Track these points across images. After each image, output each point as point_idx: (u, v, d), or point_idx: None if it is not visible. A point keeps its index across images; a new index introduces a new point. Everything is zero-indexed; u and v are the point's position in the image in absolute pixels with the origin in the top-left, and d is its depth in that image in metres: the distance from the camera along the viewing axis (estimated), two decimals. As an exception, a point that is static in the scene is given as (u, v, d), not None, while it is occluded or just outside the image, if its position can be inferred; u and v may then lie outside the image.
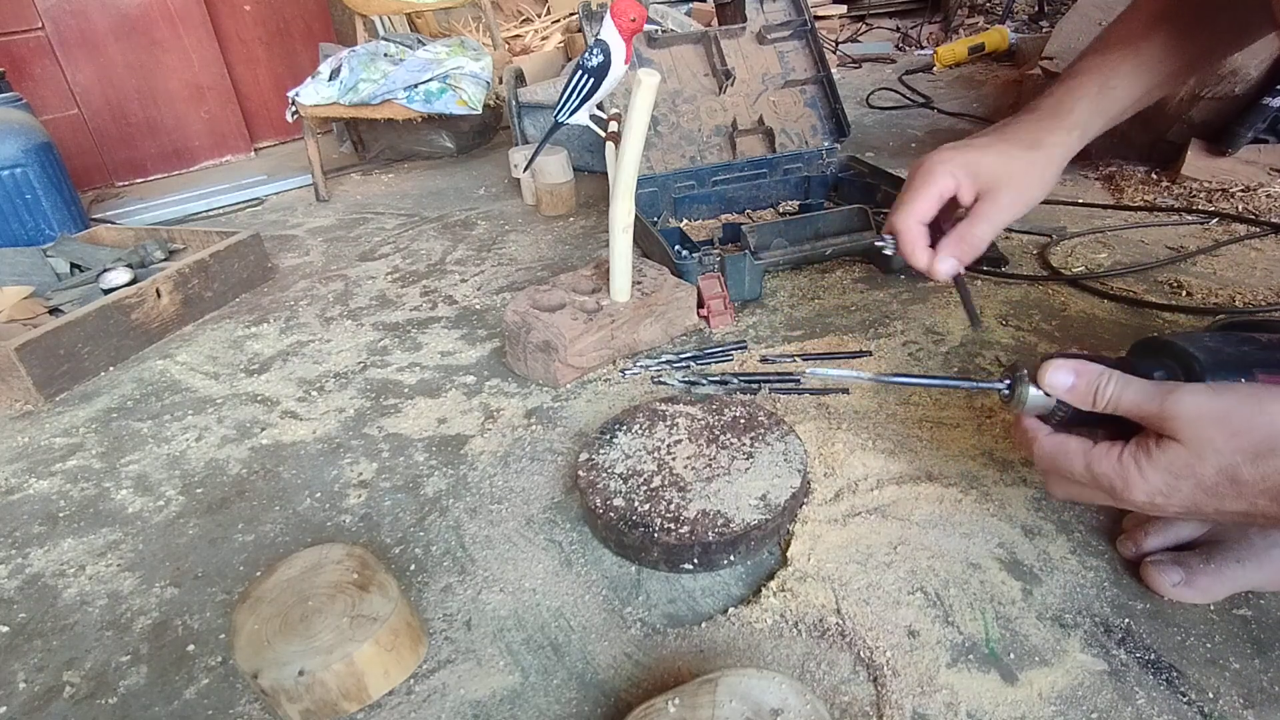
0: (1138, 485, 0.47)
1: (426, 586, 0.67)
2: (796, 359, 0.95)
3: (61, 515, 0.83)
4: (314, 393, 1.02)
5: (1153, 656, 0.54)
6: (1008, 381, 0.54)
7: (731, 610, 0.61)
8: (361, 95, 1.77)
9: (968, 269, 1.11)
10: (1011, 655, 0.55)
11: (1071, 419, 0.52)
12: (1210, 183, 1.31)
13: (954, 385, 0.58)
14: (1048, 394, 0.52)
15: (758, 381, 0.90)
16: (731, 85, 1.41)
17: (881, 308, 1.06)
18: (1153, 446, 0.46)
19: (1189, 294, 1.00)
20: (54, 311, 1.25)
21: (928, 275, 0.63)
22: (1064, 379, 0.50)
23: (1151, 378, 0.50)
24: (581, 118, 0.95)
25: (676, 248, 1.12)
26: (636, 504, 0.68)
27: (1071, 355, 0.52)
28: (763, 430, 0.76)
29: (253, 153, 2.54)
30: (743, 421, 0.77)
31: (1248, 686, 0.51)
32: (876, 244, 0.65)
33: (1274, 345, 0.52)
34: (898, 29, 3.13)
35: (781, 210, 1.41)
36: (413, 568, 0.70)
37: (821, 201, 1.40)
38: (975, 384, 0.56)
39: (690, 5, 1.87)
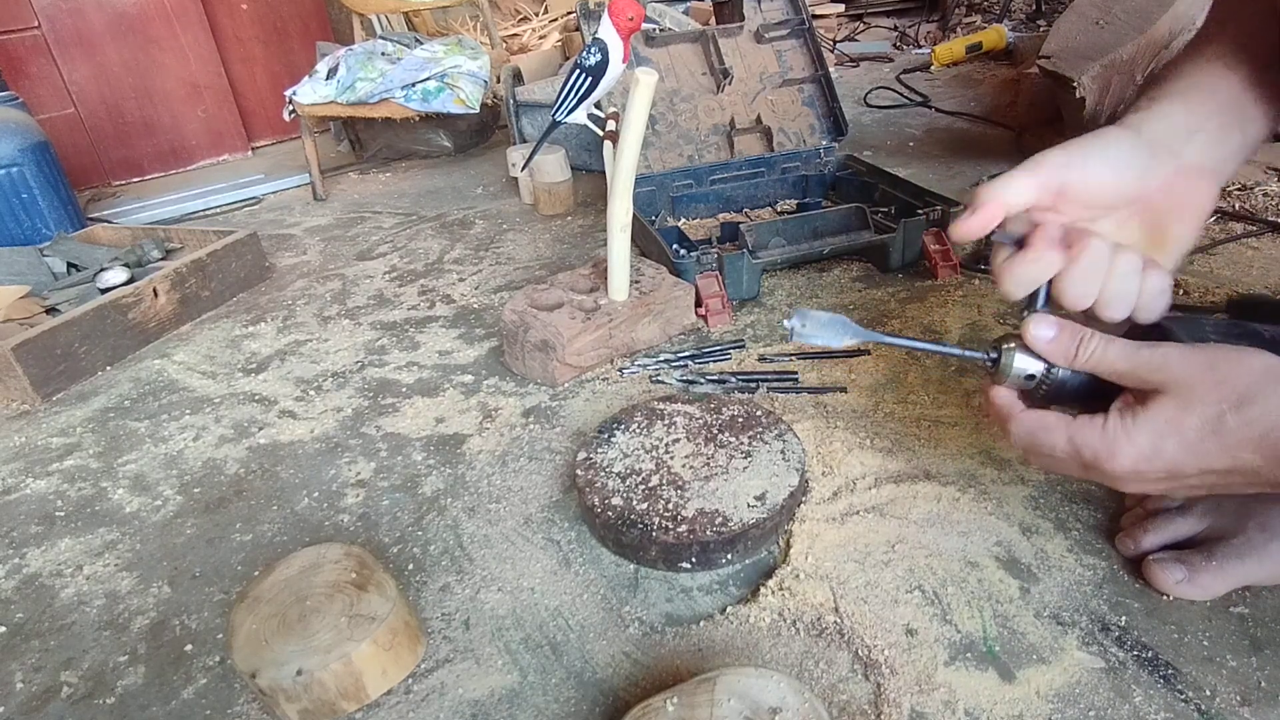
0: (1124, 450, 0.46)
1: (425, 586, 0.67)
2: (793, 358, 0.95)
3: (59, 515, 0.83)
4: (311, 392, 1.02)
5: (1150, 654, 0.54)
6: (994, 354, 0.53)
7: (730, 609, 0.61)
8: (359, 94, 1.77)
9: (967, 268, 1.12)
10: (1009, 653, 0.55)
11: (1050, 395, 0.52)
12: (1207, 181, 1.31)
13: (940, 351, 0.57)
14: (1032, 357, 0.52)
15: (756, 380, 0.90)
16: (729, 84, 1.41)
17: (879, 306, 1.06)
18: (1137, 406, 0.46)
19: (1186, 292, 1.00)
20: (51, 311, 1.25)
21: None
22: (1046, 332, 0.49)
23: None
24: (579, 116, 0.95)
25: (674, 247, 1.12)
26: (635, 503, 0.68)
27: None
28: (761, 429, 0.76)
29: (250, 152, 2.54)
30: (741, 420, 0.77)
31: (1244, 684, 0.52)
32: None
33: (1277, 340, 0.52)
34: (895, 28, 3.13)
35: (779, 209, 1.41)
36: (411, 567, 0.70)
37: (819, 200, 1.39)
38: (962, 352, 0.56)
39: (688, 4, 1.86)
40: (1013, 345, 0.52)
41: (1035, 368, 0.52)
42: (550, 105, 1.00)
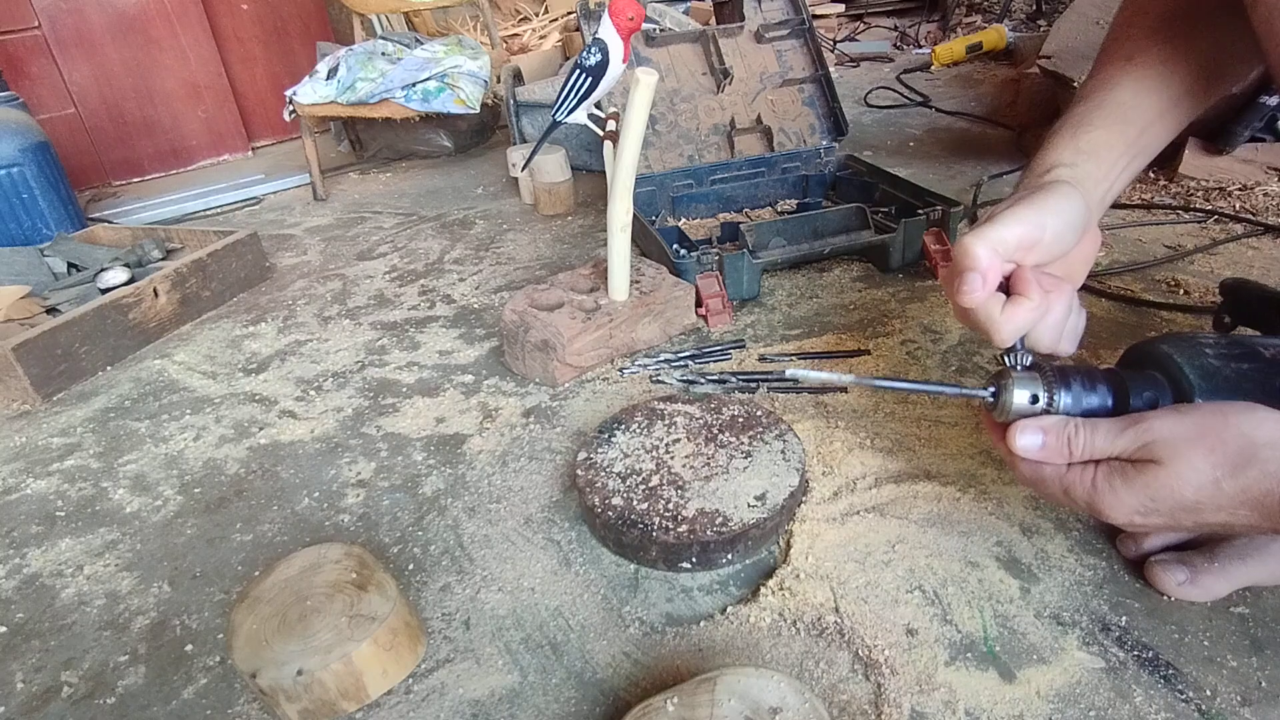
0: (1114, 507, 0.49)
1: (425, 586, 0.67)
2: (793, 358, 0.95)
3: (59, 515, 0.83)
4: (312, 392, 1.02)
5: (1150, 654, 0.54)
6: (992, 389, 0.53)
7: (730, 609, 0.61)
8: (359, 94, 1.77)
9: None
10: (1010, 653, 0.55)
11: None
12: (1207, 181, 1.31)
13: (938, 391, 0.57)
14: (1034, 399, 0.52)
15: (756, 380, 0.90)
16: (729, 84, 1.41)
17: (880, 306, 1.06)
18: (1129, 470, 0.48)
19: (1186, 292, 1.00)
20: (51, 311, 1.25)
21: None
22: (1033, 441, 0.52)
23: (1141, 397, 0.51)
24: (579, 116, 0.95)
25: (675, 247, 1.12)
26: (635, 503, 0.68)
27: (1033, 372, 0.53)
28: (761, 429, 0.76)
29: (250, 152, 2.54)
30: (741, 420, 0.77)
31: (1245, 684, 0.52)
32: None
33: (1278, 361, 0.51)
34: (895, 28, 3.13)
35: (780, 209, 1.41)
36: (411, 567, 0.70)
37: (820, 200, 1.39)
38: (960, 390, 0.56)
39: (688, 4, 1.87)
40: (1009, 381, 0.52)
41: (1037, 402, 0.52)
42: (550, 105, 1.00)
